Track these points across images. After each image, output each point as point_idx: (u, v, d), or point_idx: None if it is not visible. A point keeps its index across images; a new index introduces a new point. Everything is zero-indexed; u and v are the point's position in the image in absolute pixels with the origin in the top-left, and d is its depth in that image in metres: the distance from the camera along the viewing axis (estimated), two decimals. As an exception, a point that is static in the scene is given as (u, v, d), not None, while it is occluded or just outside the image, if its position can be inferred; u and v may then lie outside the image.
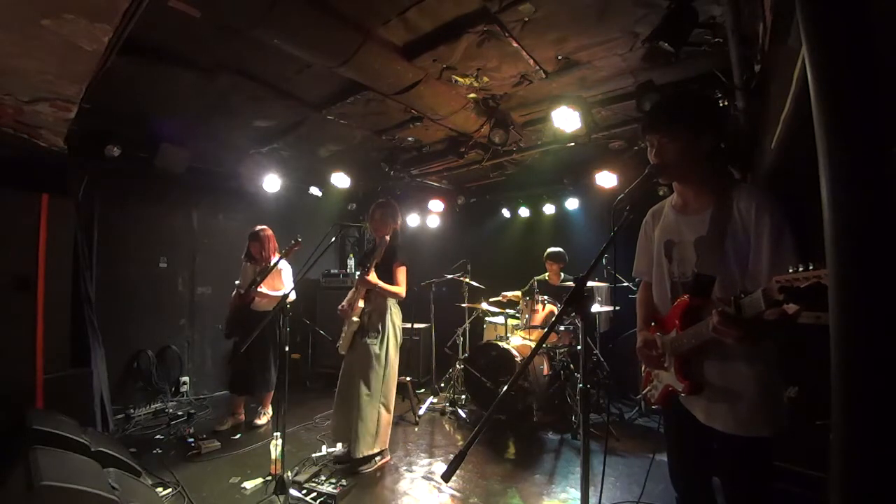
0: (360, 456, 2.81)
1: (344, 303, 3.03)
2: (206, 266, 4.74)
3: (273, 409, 3.86)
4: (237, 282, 3.83)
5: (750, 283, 1.25)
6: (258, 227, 3.76)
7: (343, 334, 2.99)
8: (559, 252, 4.37)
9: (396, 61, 2.69)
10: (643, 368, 1.64)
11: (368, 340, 2.89)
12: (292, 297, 3.65)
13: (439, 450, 3.34)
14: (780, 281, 1.02)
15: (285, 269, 3.74)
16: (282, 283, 3.70)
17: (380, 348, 2.90)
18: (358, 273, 2.98)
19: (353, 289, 3.10)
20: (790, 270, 1.00)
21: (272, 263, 3.45)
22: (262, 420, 3.76)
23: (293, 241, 2.94)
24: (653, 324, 1.56)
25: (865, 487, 0.77)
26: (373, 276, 2.84)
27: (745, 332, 1.16)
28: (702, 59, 2.55)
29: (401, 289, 2.94)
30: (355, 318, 2.89)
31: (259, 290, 3.55)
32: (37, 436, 2.02)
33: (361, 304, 2.91)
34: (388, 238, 3.01)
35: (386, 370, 2.92)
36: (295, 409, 3.97)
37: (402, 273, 2.96)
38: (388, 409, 2.96)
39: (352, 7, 2.29)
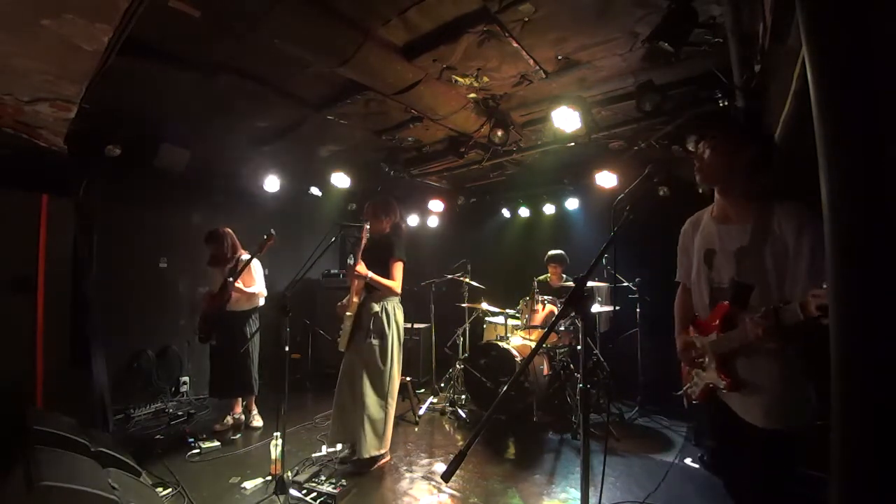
0: (367, 456, 2.81)
1: (344, 300, 3.03)
2: (206, 266, 4.72)
3: (270, 410, 3.80)
4: (204, 289, 3.76)
5: (788, 293, 1.34)
6: (213, 228, 3.68)
7: (341, 331, 2.99)
8: (561, 254, 4.37)
9: (396, 61, 2.69)
10: (683, 367, 1.76)
11: (372, 341, 2.88)
12: (262, 301, 3.66)
13: (439, 450, 3.34)
14: (816, 296, 1.13)
15: (255, 266, 3.64)
16: (252, 279, 3.60)
17: (385, 348, 2.89)
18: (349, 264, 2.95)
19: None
20: (824, 286, 1.08)
21: (245, 259, 3.39)
22: (258, 422, 3.74)
23: (266, 236, 2.89)
24: (691, 326, 1.67)
25: (865, 487, 0.77)
26: (361, 268, 2.79)
27: (784, 340, 1.28)
28: (702, 59, 2.55)
29: (395, 283, 2.90)
30: (349, 313, 2.87)
31: (237, 284, 3.45)
32: (37, 436, 2.02)
33: (356, 298, 2.89)
34: (386, 231, 3.02)
35: (391, 370, 2.92)
36: (295, 409, 3.97)
37: (397, 268, 2.93)
38: (392, 409, 2.97)
39: (352, 7, 2.29)
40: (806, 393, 1.42)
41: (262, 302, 3.68)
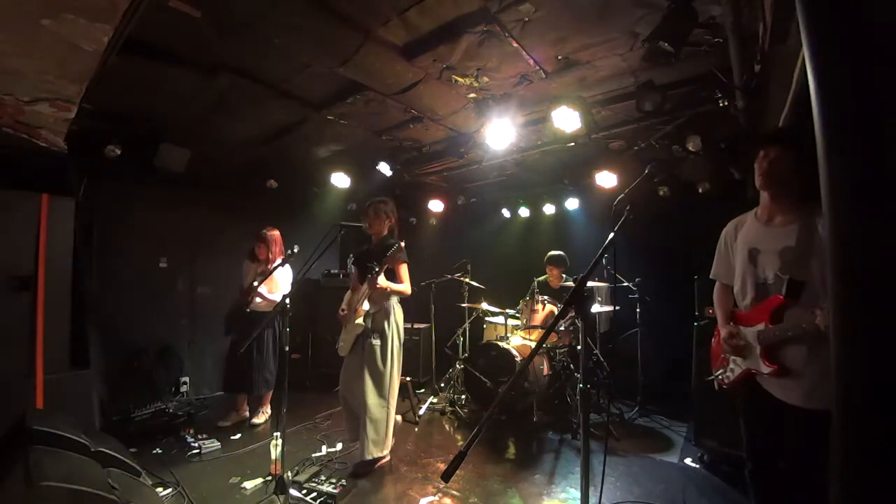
0: (370, 458, 2.81)
1: (344, 306, 3.02)
2: (206, 266, 4.73)
3: (272, 409, 3.87)
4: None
5: None
6: (265, 229, 3.74)
7: (343, 335, 2.98)
8: (560, 256, 4.34)
9: (396, 61, 2.69)
10: (714, 353, 1.92)
11: (373, 342, 2.88)
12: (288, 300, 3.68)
13: (439, 450, 3.34)
14: None
15: (284, 272, 3.73)
16: (278, 286, 3.70)
17: (385, 348, 2.89)
18: (352, 271, 2.96)
19: (350, 290, 3.09)
20: None
21: (274, 267, 3.45)
22: (261, 419, 3.78)
23: (290, 251, 2.96)
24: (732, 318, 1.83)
25: (865, 487, 0.77)
26: (383, 280, 2.82)
27: None
28: (702, 59, 2.55)
29: (407, 286, 2.95)
30: (359, 321, 2.86)
31: (259, 290, 3.58)
32: (37, 436, 2.02)
33: (366, 306, 2.89)
34: (384, 233, 3.03)
35: (392, 370, 2.92)
36: (295, 409, 3.96)
37: (404, 270, 2.96)
38: (393, 409, 2.97)
39: (352, 7, 2.29)
40: None
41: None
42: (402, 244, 2.91)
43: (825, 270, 1.48)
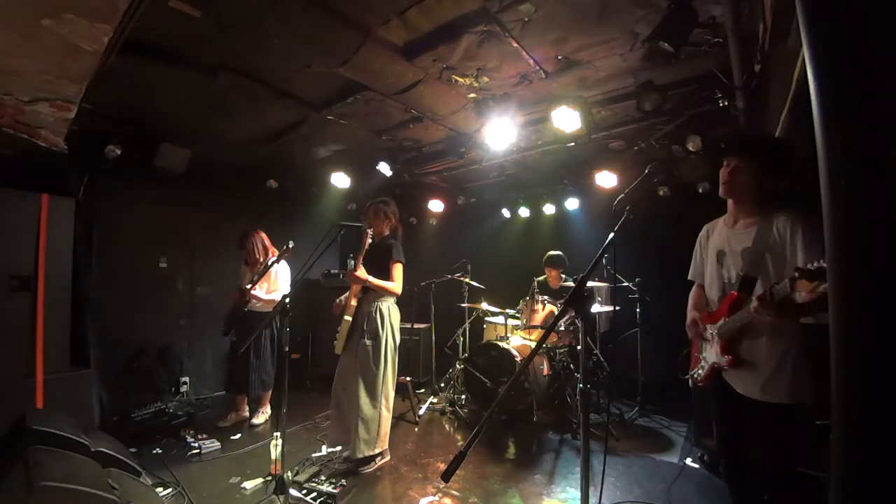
0: (362, 457, 2.81)
1: (341, 298, 3.03)
2: (206, 266, 4.73)
3: (272, 409, 3.87)
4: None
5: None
6: (242, 232, 3.77)
7: (338, 334, 2.99)
8: (558, 256, 4.33)
9: (396, 61, 2.69)
10: (692, 353, 1.99)
11: (367, 342, 2.88)
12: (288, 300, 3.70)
13: (439, 450, 3.34)
14: (797, 269, 1.35)
15: (282, 270, 3.74)
16: (277, 285, 3.69)
17: (379, 349, 2.89)
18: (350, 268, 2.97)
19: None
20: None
21: (266, 266, 3.44)
22: (260, 419, 3.78)
23: (285, 248, 2.95)
24: (703, 315, 1.91)
25: (865, 487, 0.77)
26: (361, 272, 2.81)
27: (777, 312, 1.47)
28: (702, 59, 2.55)
29: (394, 285, 2.91)
30: (347, 318, 2.88)
31: (253, 292, 3.56)
32: (37, 436, 2.02)
33: (354, 301, 2.89)
34: (385, 233, 3.03)
35: (385, 371, 2.92)
36: (295, 409, 3.96)
37: (397, 270, 2.94)
38: (388, 410, 2.96)
39: (352, 7, 2.29)
40: (801, 373, 1.60)
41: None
42: (370, 230, 2.91)
43: (778, 265, 1.62)
